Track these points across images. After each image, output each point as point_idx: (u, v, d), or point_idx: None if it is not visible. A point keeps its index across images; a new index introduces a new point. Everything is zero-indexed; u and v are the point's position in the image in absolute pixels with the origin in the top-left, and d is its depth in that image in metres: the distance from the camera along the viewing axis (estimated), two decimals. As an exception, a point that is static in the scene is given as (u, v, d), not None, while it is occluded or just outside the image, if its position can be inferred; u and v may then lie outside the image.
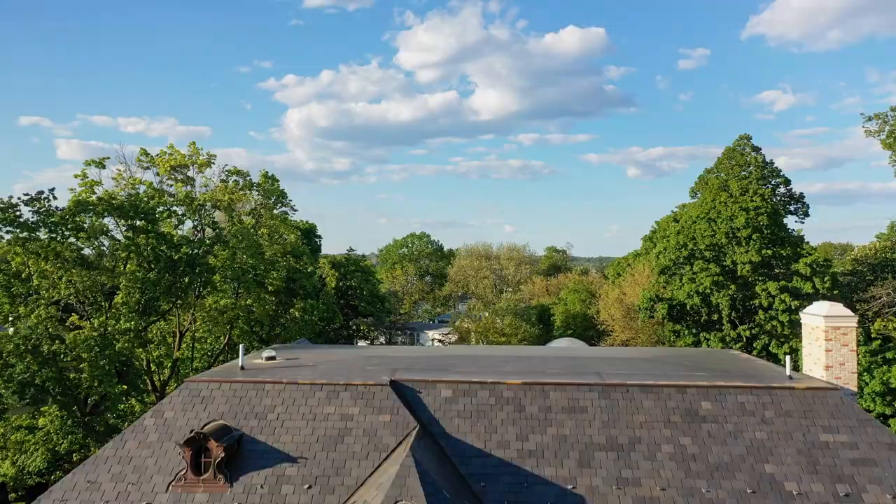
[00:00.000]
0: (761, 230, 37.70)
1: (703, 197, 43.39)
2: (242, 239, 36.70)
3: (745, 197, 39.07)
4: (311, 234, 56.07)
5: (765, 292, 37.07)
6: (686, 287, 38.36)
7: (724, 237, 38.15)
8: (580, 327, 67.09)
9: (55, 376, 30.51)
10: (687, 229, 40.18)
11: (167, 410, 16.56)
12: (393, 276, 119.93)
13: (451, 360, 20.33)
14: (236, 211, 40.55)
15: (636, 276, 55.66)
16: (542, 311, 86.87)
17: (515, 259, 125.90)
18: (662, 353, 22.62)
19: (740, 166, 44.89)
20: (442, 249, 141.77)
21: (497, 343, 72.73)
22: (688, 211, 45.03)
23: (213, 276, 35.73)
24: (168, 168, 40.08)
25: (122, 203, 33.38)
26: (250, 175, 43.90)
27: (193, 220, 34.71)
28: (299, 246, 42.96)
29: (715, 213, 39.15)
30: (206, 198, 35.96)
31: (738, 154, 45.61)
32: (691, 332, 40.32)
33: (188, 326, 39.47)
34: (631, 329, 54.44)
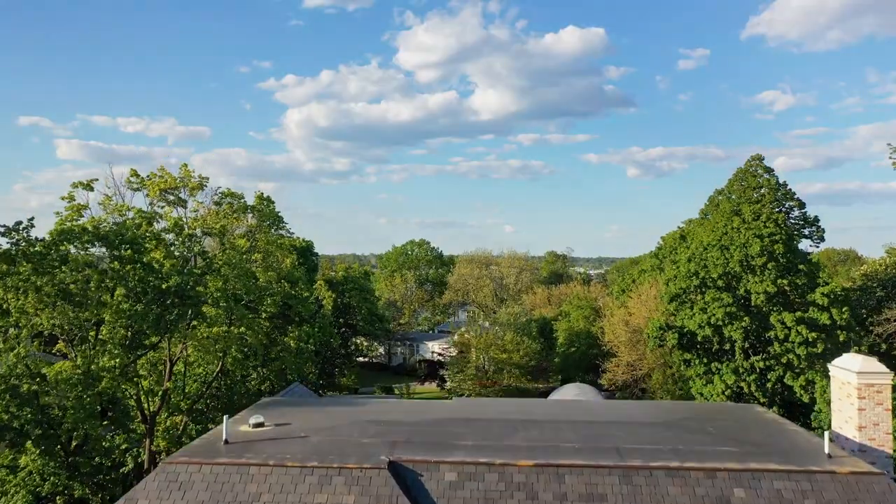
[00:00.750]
0: (776, 259, 36.14)
1: (713, 219, 41.86)
2: (234, 267, 35.08)
3: (758, 223, 37.50)
4: (307, 252, 54.45)
5: (780, 324, 35.51)
6: (697, 317, 36.80)
7: (738, 265, 36.57)
8: (584, 345, 65.52)
9: (34, 418, 28.88)
10: (698, 256, 38.61)
11: (141, 499, 14.92)
12: (392, 285, 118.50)
13: (456, 425, 18.70)
14: (229, 234, 38.97)
15: (642, 295, 54.12)
16: (543, 325, 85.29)
17: (516, 267, 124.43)
18: (683, 413, 21.00)
19: (752, 188, 43.32)
20: (441, 257, 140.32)
21: (498, 359, 71.21)
22: (697, 233, 43.51)
23: (203, 305, 34.10)
24: (158, 191, 38.53)
25: (108, 232, 31.72)
26: (244, 198, 42.37)
27: (183, 249, 33.07)
28: (295, 270, 41.35)
29: (728, 239, 37.59)
30: (197, 225, 34.30)
31: (750, 176, 44.06)
32: (702, 362, 38.75)
33: (179, 355, 37.88)
34: (637, 351, 52.92)
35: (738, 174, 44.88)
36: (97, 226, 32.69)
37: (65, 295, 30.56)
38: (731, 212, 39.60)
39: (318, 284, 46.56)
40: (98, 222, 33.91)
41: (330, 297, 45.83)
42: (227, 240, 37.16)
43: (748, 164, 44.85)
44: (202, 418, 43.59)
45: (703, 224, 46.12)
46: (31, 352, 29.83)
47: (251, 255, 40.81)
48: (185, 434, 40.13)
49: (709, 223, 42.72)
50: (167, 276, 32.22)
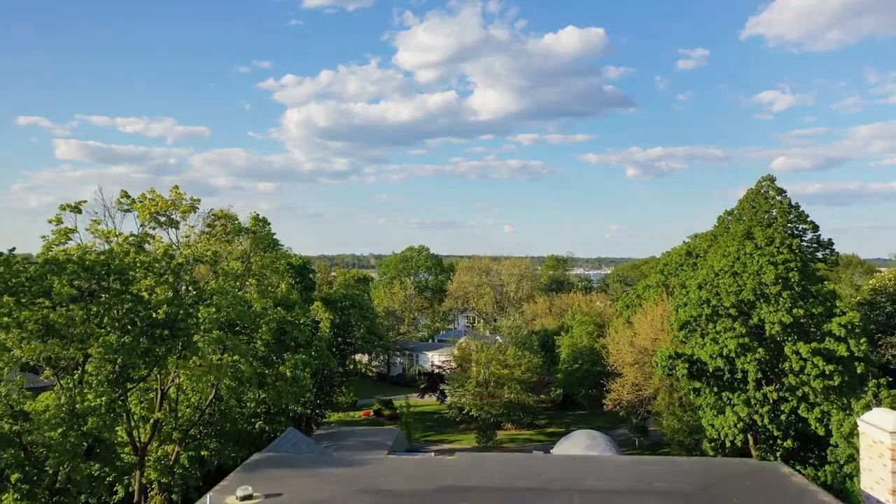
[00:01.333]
0: (791, 287, 34.78)
1: (724, 241, 40.52)
2: (227, 295, 33.67)
3: (771, 247, 36.15)
4: (304, 270, 53.05)
5: (795, 355, 34.16)
6: (709, 347, 35.44)
7: (751, 293, 35.21)
8: (587, 361, 64.15)
9: (16, 461, 27.50)
10: (710, 283, 37.23)
11: None
12: (391, 293, 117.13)
13: (457, 498, 17.29)
14: (222, 258, 37.61)
15: (648, 315, 52.76)
16: (545, 337, 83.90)
17: (516, 274, 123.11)
18: (704, 478, 19.60)
19: (764, 211, 41.99)
20: (441, 263, 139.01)
21: (500, 374, 69.77)
22: (708, 257, 42.15)
23: (195, 335, 32.72)
24: (149, 215, 37.16)
25: (94, 263, 30.31)
26: (238, 219, 41.02)
27: (173, 280, 31.68)
28: (291, 294, 39.98)
29: (740, 265, 36.22)
30: (188, 252, 32.90)
31: (762, 198, 42.73)
32: (712, 391, 37.38)
33: (170, 384, 36.53)
34: (643, 372, 51.56)
35: (749, 195, 43.55)
36: (83, 255, 31.32)
37: (49, 331, 29.22)
38: (742, 235, 38.25)
39: (315, 306, 45.16)
40: (84, 250, 32.54)
41: (327, 319, 44.46)
42: (220, 266, 35.80)
43: (759, 185, 43.53)
44: (195, 445, 42.24)
45: (713, 246, 44.73)
46: (12, 390, 28.45)
47: (245, 280, 39.46)
48: (178, 464, 38.78)
49: (719, 246, 41.35)
50: (156, 307, 30.87)
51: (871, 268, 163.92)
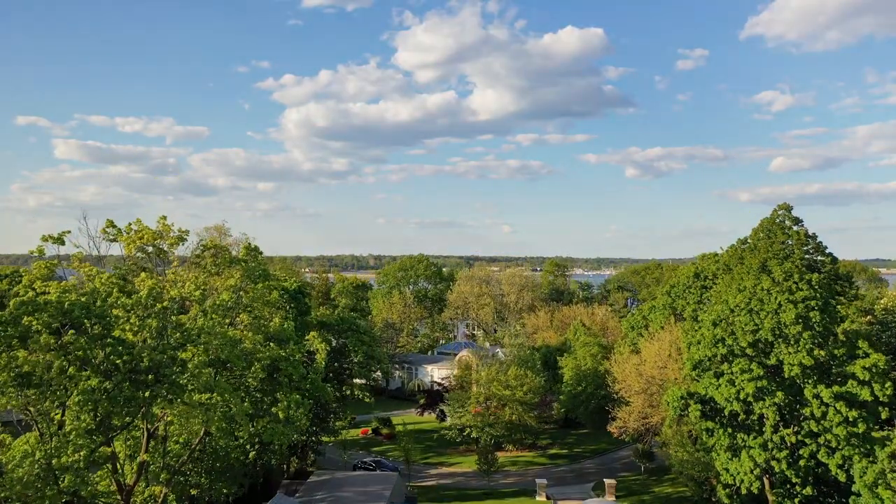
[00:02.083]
0: (812, 327, 32.93)
1: (738, 274, 38.66)
2: (215, 335, 31.77)
3: (789, 282, 34.28)
4: (299, 294, 51.17)
5: (816, 399, 32.32)
6: (724, 390, 33.60)
7: (770, 333, 33.35)
8: (591, 385, 62.29)
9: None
10: (725, 321, 35.36)
11: None
12: (390, 303, 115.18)
13: None
14: (212, 293, 35.66)
15: (656, 341, 50.95)
16: (547, 354, 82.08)
17: (517, 285, 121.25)
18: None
19: (780, 242, 39.99)
20: (441, 272, 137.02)
21: (501, 395, 67.89)
22: (721, 288, 40.27)
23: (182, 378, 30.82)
24: (134, 248, 35.29)
25: (73, 306, 28.40)
26: (229, 249, 39.13)
27: (157, 324, 29.75)
28: (284, 328, 38.08)
29: (757, 302, 34.37)
30: (175, 294, 30.99)
31: (778, 228, 40.73)
32: (726, 432, 35.53)
33: (157, 424, 34.63)
34: (651, 401, 49.76)
35: (764, 224, 41.54)
36: (62, 297, 29.42)
37: (24, 381, 27.35)
38: (758, 268, 36.41)
39: (311, 336, 43.29)
40: (64, 290, 30.65)
41: (324, 349, 42.62)
42: (208, 304, 33.83)
43: (774, 214, 41.57)
44: (185, 484, 40.37)
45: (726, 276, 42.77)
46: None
47: (236, 313, 37.48)
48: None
49: (734, 279, 39.47)
50: (140, 353, 28.99)
51: (874, 274, 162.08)
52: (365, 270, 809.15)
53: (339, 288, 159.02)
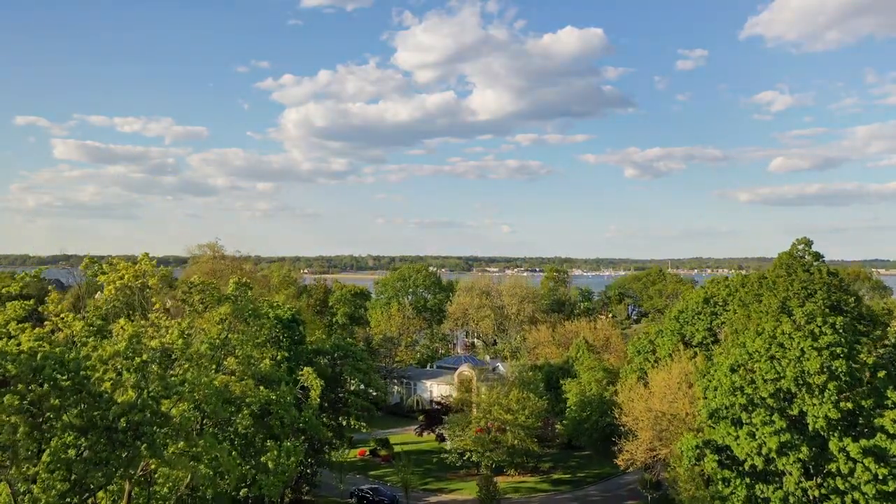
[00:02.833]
0: (838, 377, 30.86)
1: (756, 312, 36.61)
2: (200, 387, 29.66)
3: (812, 326, 32.20)
4: (293, 323, 49.05)
5: (843, 453, 30.24)
6: (745, 444, 31.53)
7: (793, 383, 31.28)
8: (596, 412, 60.18)
9: None
10: (744, 367, 33.26)
11: None
12: (389, 315, 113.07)
13: None
14: (197, 336, 33.59)
15: (665, 372, 48.84)
16: (549, 373, 79.98)
17: (517, 296, 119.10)
18: None
19: (801, 282, 37.79)
20: (440, 282, 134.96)
21: (502, 419, 65.87)
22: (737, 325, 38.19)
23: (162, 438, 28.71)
24: (115, 290, 33.21)
25: (45, 359, 26.25)
26: (219, 288, 37.05)
27: (136, 379, 27.61)
28: (275, 371, 36.01)
29: (778, 348, 32.28)
30: (156, 345, 28.86)
31: (798, 264, 38.60)
32: (744, 483, 33.45)
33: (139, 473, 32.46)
34: (661, 437, 47.67)
35: (783, 259, 39.39)
36: (34, 349, 27.28)
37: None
38: (778, 309, 34.35)
39: (305, 371, 41.20)
40: (38, 337, 28.56)
41: (318, 385, 40.50)
42: (193, 350, 31.70)
43: (794, 249, 39.45)
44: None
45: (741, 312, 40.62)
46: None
47: (224, 354, 35.40)
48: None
49: (750, 317, 37.40)
50: (118, 412, 26.86)
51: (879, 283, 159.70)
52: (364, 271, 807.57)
53: (338, 296, 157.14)
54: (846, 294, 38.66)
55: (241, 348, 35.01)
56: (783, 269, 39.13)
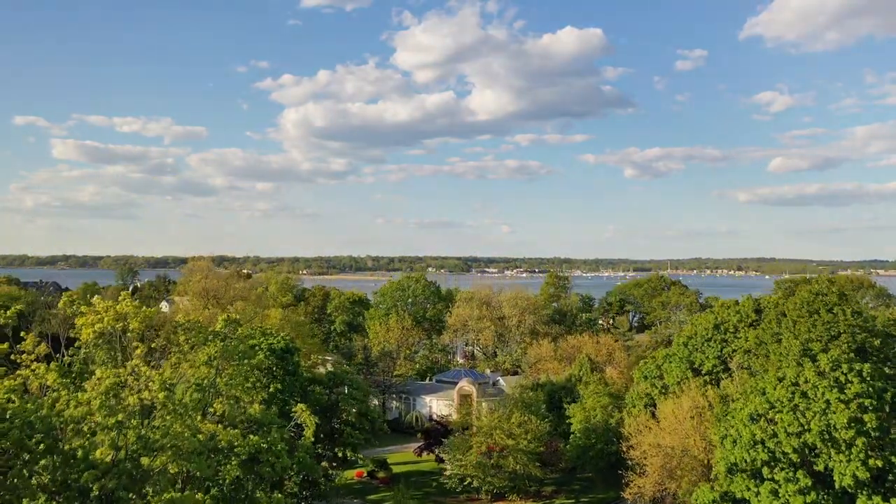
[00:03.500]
0: (867, 433, 28.86)
1: (775, 355, 34.59)
2: (182, 443, 27.59)
3: (837, 373, 30.19)
4: (287, 353, 47.06)
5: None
6: (766, 501, 29.47)
7: (818, 438, 29.27)
8: (602, 440, 58.17)
9: None
10: (763, 417, 31.23)
11: None
12: (387, 327, 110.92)
13: None
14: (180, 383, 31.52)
15: (674, 405, 46.81)
16: (552, 393, 77.96)
17: (518, 307, 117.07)
18: None
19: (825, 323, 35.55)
20: (440, 291, 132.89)
21: (504, 444, 63.91)
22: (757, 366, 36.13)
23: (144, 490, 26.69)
24: (92, 334, 31.10)
25: (9, 423, 24.20)
26: (206, 326, 34.97)
27: (111, 439, 25.57)
28: (266, 416, 33.97)
29: (801, 398, 30.26)
30: (133, 402, 26.77)
31: (819, 303, 36.41)
32: (764, 535, 31.40)
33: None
34: (670, 474, 45.64)
35: (803, 297, 37.23)
36: (2, 405, 25.23)
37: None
38: (800, 352, 32.32)
39: (299, 408, 39.16)
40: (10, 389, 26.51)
41: (313, 422, 38.50)
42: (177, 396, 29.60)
43: (816, 286, 37.32)
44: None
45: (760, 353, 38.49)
46: None
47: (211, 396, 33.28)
48: None
49: (770, 359, 35.36)
50: (91, 479, 24.86)
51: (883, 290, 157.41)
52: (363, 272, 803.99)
53: (336, 303, 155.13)
54: (872, 336, 36.54)
55: (228, 391, 32.94)
56: (804, 308, 36.99)
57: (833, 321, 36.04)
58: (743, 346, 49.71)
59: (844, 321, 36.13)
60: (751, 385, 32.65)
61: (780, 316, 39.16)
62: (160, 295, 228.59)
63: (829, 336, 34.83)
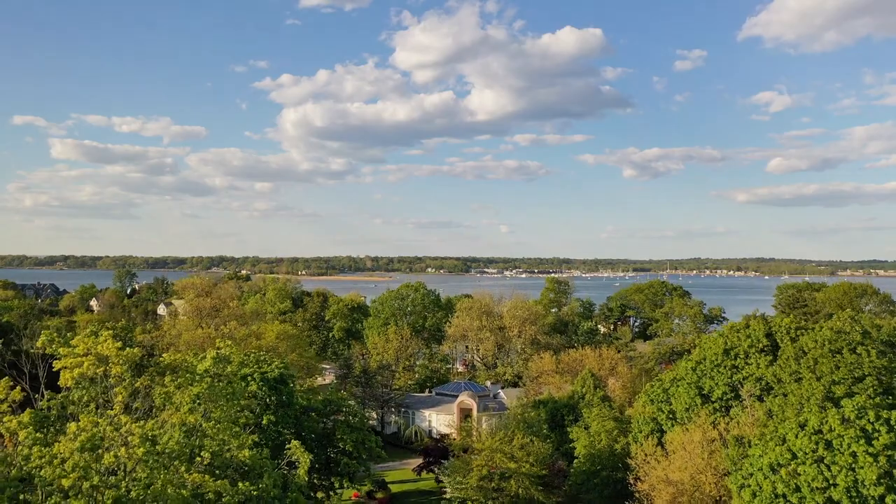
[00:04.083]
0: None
1: (795, 395, 32.71)
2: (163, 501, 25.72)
3: (863, 421, 28.31)
4: (281, 382, 45.20)
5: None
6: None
7: (845, 496, 27.43)
8: (606, 467, 56.31)
9: None
10: (784, 468, 29.37)
11: None
12: (386, 339, 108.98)
13: None
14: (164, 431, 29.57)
15: (683, 438, 44.97)
16: (554, 411, 76.06)
17: (519, 317, 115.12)
18: None
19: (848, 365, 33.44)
20: (439, 300, 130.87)
21: (505, 468, 62.14)
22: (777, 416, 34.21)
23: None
24: (71, 379, 29.23)
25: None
26: (192, 366, 33.08)
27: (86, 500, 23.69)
28: (256, 461, 32.04)
29: (826, 449, 28.40)
30: (108, 462, 24.87)
31: (843, 342, 34.29)
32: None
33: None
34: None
35: (825, 335, 35.14)
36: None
37: None
38: (823, 397, 30.45)
39: (293, 445, 37.37)
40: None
41: (307, 459, 36.74)
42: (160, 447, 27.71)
43: (838, 322, 35.28)
44: None
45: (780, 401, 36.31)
46: None
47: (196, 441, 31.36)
48: None
49: (788, 400, 33.46)
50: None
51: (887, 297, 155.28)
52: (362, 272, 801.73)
53: (334, 310, 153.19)
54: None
55: (216, 435, 31.01)
56: (826, 346, 34.96)
57: (857, 362, 33.99)
58: (755, 373, 47.89)
59: (869, 363, 34.16)
60: (770, 430, 30.80)
61: (800, 353, 37.17)
62: (158, 297, 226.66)
63: (852, 378, 32.88)
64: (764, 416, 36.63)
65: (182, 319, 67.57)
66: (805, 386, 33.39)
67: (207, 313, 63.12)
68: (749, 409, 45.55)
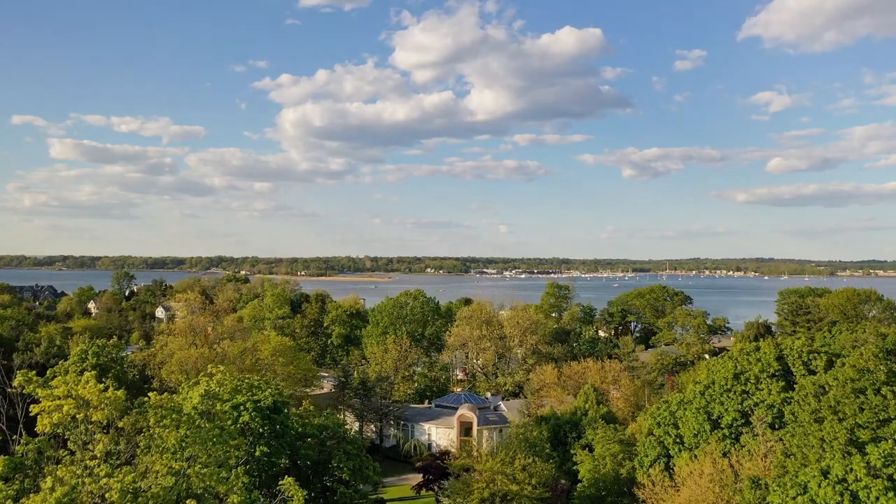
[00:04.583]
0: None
1: (815, 436, 30.95)
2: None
3: (890, 469, 26.65)
4: (275, 410, 43.51)
5: None
6: None
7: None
8: (612, 492, 54.69)
9: None
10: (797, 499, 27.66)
11: None
12: (384, 349, 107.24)
13: None
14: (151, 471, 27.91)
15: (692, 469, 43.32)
16: (555, 428, 74.41)
17: (520, 326, 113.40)
18: None
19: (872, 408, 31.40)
20: (439, 308, 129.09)
21: (507, 490, 60.55)
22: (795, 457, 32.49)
23: None
24: (50, 425, 27.52)
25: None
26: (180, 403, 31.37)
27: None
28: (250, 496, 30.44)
29: (851, 500, 26.69)
30: None
31: (867, 382, 32.27)
32: None
33: None
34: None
35: (847, 374, 33.17)
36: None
37: None
38: (846, 440, 28.72)
39: (287, 482, 35.67)
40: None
41: (301, 496, 35.04)
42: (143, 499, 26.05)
43: (861, 359, 33.30)
44: None
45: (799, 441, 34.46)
46: None
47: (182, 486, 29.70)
48: None
49: (808, 441, 31.75)
50: None
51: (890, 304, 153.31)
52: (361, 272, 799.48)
53: (333, 316, 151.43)
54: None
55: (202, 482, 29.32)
56: (848, 385, 33.01)
57: (882, 405, 32.14)
58: (766, 399, 46.26)
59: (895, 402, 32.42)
60: (791, 476, 29.06)
61: (820, 390, 35.31)
62: (156, 300, 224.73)
63: (878, 421, 31.12)
64: (780, 453, 34.93)
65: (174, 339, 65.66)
66: (827, 428, 31.63)
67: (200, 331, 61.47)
68: (761, 438, 43.89)
